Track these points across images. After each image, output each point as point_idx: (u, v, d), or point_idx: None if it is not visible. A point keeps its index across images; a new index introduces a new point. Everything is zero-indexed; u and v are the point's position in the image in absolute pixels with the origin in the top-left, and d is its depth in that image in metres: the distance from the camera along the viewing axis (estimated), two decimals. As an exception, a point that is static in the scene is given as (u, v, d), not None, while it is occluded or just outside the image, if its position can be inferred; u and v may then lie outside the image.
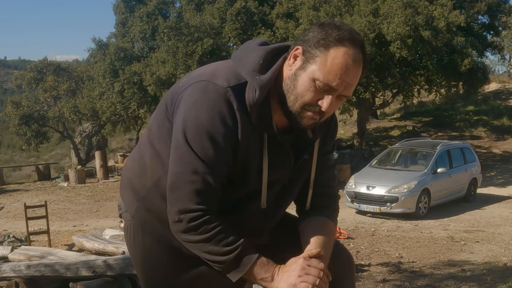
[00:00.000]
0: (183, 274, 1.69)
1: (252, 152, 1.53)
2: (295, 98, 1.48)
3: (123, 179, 1.78)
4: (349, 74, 1.44)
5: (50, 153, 31.76)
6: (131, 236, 1.76)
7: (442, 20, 14.58)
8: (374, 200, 10.80)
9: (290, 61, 1.50)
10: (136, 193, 1.69)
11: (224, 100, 1.46)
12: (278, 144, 1.56)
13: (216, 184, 1.48)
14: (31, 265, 4.68)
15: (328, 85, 1.44)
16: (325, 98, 1.46)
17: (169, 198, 1.51)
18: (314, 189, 1.71)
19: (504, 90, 27.13)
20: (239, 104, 1.47)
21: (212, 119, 1.45)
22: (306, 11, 15.27)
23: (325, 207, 1.73)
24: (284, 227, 1.78)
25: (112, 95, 18.63)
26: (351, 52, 1.44)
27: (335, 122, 1.75)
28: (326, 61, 1.43)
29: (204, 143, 1.46)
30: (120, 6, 21.90)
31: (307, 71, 1.45)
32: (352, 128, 21.55)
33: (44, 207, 7.71)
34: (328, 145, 1.73)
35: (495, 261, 7.07)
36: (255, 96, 1.47)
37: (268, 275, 1.51)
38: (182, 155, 1.47)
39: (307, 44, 1.47)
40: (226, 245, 1.49)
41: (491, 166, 17.53)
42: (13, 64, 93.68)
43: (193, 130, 1.46)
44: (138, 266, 1.79)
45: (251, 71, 1.50)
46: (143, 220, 1.69)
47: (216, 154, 1.46)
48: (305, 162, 1.66)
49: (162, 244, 1.67)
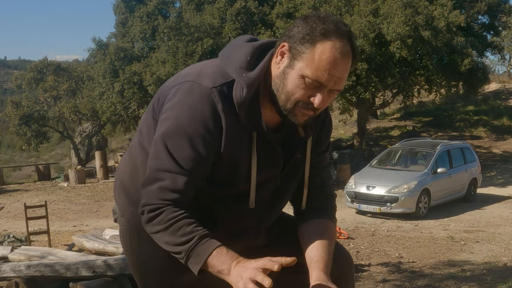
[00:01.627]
0: (180, 277, 1.68)
1: (239, 151, 1.51)
2: (286, 97, 1.45)
3: (116, 183, 1.77)
4: (338, 69, 1.40)
5: (50, 153, 31.76)
6: (128, 241, 1.75)
7: (442, 20, 14.59)
8: (374, 200, 10.80)
9: (278, 59, 1.47)
10: (129, 197, 1.68)
11: (208, 101, 1.44)
12: (268, 143, 1.54)
13: (186, 186, 1.46)
14: (31, 265, 4.68)
15: (318, 81, 1.41)
16: (317, 95, 1.43)
17: (141, 191, 1.51)
18: (311, 189, 1.69)
19: (504, 90, 27.13)
20: (225, 104, 1.45)
21: (193, 120, 1.44)
22: (306, 11, 15.26)
23: (323, 208, 1.72)
24: (283, 228, 1.76)
25: (112, 95, 18.63)
26: (338, 45, 1.39)
27: (329, 120, 1.72)
28: (313, 58, 1.39)
29: (180, 144, 1.45)
30: (120, 6, 21.90)
31: (295, 69, 1.42)
32: (352, 128, 21.54)
33: (44, 207, 7.71)
34: (323, 144, 1.71)
35: (495, 261, 7.07)
36: (242, 94, 1.45)
37: (225, 268, 1.42)
38: (157, 152, 1.47)
39: (292, 40, 1.43)
40: (182, 235, 1.45)
41: (491, 166, 17.53)
42: (13, 64, 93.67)
43: (172, 130, 1.45)
44: (135, 270, 1.78)
45: (238, 69, 1.47)
46: (138, 224, 1.66)
47: (191, 157, 1.45)
48: (297, 161, 1.63)
49: (158, 248, 1.63)
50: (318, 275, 1.54)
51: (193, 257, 1.45)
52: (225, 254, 1.43)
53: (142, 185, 1.50)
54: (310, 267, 1.58)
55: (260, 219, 1.66)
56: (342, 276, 1.70)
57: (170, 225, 1.45)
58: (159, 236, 1.49)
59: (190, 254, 1.45)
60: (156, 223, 1.47)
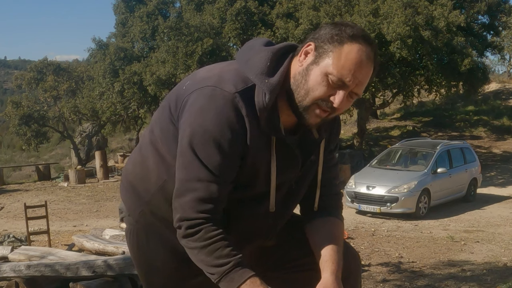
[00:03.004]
0: (187, 280, 1.68)
1: (260, 155, 1.50)
2: (305, 93, 1.45)
3: (124, 183, 1.74)
4: (362, 71, 1.43)
5: (50, 153, 31.76)
6: (135, 241, 1.73)
7: (442, 20, 14.59)
8: (374, 200, 10.80)
9: (301, 58, 1.48)
10: (139, 197, 1.66)
11: (232, 106, 1.43)
12: (286, 146, 1.54)
13: (220, 193, 1.45)
14: (31, 265, 4.68)
15: (342, 80, 1.42)
16: (337, 94, 1.43)
17: (173, 204, 1.49)
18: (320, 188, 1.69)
19: (504, 90, 27.13)
20: (248, 109, 1.44)
21: (219, 125, 1.42)
22: (306, 11, 15.27)
23: (331, 207, 1.72)
24: (290, 227, 1.76)
25: (112, 95, 18.62)
26: (365, 49, 1.43)
27: (339, 119, 1.73)
28: (340, 56, 1.41)
29: (210, 151, 1.43)
30: (120, 6, 21.90)
31: (320, 65, 1.43)
32: (352, 128, 21.54)
33: (44, 207, 7.71)
34: (333, 143, 1.71)
35: (495, 261, 7.07)
36: (265, 100, 1.44)
37: None
38: (186, 162, 1.45)
39: (319, 40, 1.45)
40: (219, 257, 1.45)
41: (491, 166, 17.53)
42: (13, 64, 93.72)
43: (199, 137, 1.42)
44: (142, 270, 1.76)
45: (259, 74, 1.46)
46: (148, 225, 1.67)
47: (222, 162, 1.44)
48: (311, 163, 1.63)
49: (167, 249, 1.65)
50: (328, 278, 1.55)
51: (226, 281, 1.46)
52: (258, 285, 1.45)
53: (174, 197, 1.48)
54: (321, 267, 1.59)
55: (275, 221, 1.65)
56: (350, 275, 1.70)
57: (207, 244, 1.45)
58: (195, 252, 1.49)
59: (223, 278, 1.46)
60: (194, 240, 1.47)
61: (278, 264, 1.75)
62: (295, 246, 1.71)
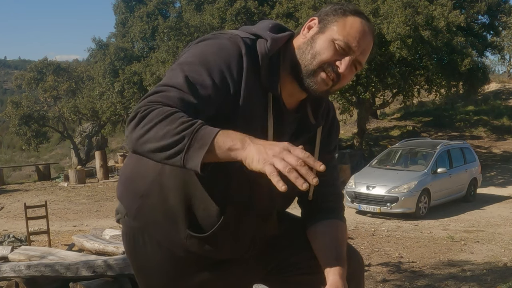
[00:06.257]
0: (185, 282, 1.66)
1: (256, 107, 1.47)
2: (312, 57, 1.47)
3: (121, 179, 1.70)
4: (365, 39, 1.48)
5: (50, 153, 31.79)
6: (132, 242, 1.69)
7: (442, 20, 14.60)
8: (374, 200, 10.80)
9: (305, 31, 1.52)
10: (135, 191, 1.62)
11: (235, 43, 1.46)
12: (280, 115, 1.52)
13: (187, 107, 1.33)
14: (31, 265, 4.68)
15: (348, 45, 1.45)
16: (343, 60, 1.46)
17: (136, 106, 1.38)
18: (320, 188, 1.61)
19: (504, 90, 27.15)
20: (247, 51, 1.46)
21: (217, 54, 1.43)
22: (306, 11, 15.27)
23: (333, 208, 1.70)
24: (292, 230, 1.73)
25: (112, 95, 18.65)
26: (366, 23, 1.49)
27: (337, 120, 1.73)
28: (345, 25, 1.46)
29: (197, 69, 1.39)
30: (120, 6, 21.94)
31: (325, 33, 1.47)
32: (352, 128, 21.55)
33: (44, 207, 7.71)
34: (333, 142, 1.70)
35: (495, 261, 7.07)
36: (267, 46, 1.48)
37: (237, 142, 1.25)
38: (173, 73, 1.41)
39: (323, 14, 1.51)
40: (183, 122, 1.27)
41: (491, 166, 17.53)
42: (13, 64, 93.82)
43: (194, 56, 1.43)
44: (139, 273, 1.74)
45: (262, 29, 1.52)
46: (145, 221, 1.63)
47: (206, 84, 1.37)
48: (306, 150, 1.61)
49: (164, 250, 1.62)
50: (334, 280, 1.53)
51: (197, 141, 1.25)
52: (234, 133, 1.27)
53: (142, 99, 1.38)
54: (326, 270, 1.56)
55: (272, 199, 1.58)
56: (353, 276, 1.69)
57: (168, 115, 1.28)
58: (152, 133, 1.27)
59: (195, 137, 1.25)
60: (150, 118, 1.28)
61: (279, 268, 1.73)
62: (297, 249, 1.69)
